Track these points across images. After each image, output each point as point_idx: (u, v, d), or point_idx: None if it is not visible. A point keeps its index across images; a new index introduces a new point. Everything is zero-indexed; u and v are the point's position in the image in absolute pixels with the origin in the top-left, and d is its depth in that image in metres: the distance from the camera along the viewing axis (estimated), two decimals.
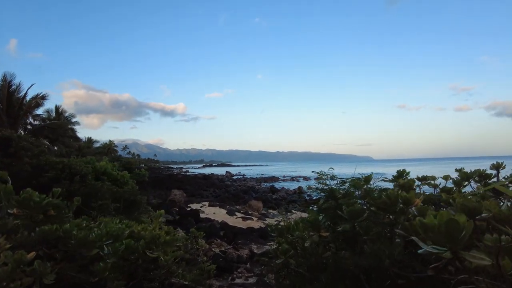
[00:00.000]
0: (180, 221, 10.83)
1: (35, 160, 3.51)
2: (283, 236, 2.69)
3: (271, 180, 56.86)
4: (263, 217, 15.21)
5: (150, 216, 6.87)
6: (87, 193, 3.76)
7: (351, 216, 1.53)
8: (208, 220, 12.31)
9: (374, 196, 1.56)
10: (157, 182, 33.57)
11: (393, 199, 1.39)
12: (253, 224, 13.01)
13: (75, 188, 3.57)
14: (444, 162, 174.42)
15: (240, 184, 43.25)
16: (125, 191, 4.29)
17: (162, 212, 2.46)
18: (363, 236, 1.53)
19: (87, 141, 58.94)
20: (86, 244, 1.49)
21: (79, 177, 3.71)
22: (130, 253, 1.98)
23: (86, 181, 3.82)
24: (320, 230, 1.72)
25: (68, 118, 41.62)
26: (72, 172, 3.76)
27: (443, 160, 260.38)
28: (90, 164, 9.15)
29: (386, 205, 1.40)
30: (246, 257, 6.85)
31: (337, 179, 2.10)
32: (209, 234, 9.42)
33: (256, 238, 9.36)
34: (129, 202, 4.34)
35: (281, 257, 2.34)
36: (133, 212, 4.38)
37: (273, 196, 29.28)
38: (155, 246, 2.26)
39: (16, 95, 15.46)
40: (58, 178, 3.61)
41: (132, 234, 2.22)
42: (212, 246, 8.10)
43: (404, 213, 1.40)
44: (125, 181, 9.90)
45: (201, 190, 29.18)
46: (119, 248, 1.76)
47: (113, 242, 1.78)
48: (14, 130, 14.30)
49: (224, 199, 22.32)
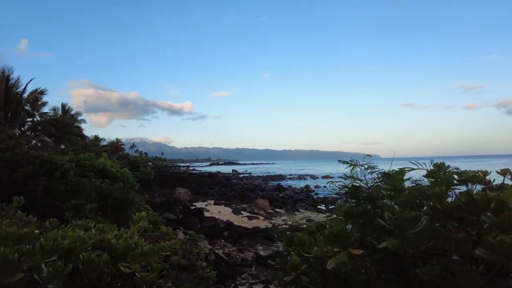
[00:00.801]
0: (183, 220, 10.38)
1: (9, 153, 3.10)
2: (293, 244, 2.17)
3: (278, 179, 56.34)
4: (270, 216, 14.70)
5: (148, 216, 6.42)
6: (69, 191, 3.29)
7: (400, 227, 1.00)
8: (213, 219, 11.85)
9: (440, 195, 1.02)
10: (163, 180, 33.30)
11: (481, 202, 0.85)
12: (259, 223, 12.52)
13: (54, 185, 3.11)
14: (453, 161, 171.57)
15: (247, 183, 42.81)
16: (115, 189, 3.81)
17: (143, 215, 1.96)
18: (416, 257, 1.00)
19: (93, 139, 59.12)
20: (3, 265, 1.00)
21: (59, 173, 3.25)
22: (91, 270, 1.50)
23: (68, 177, 3.35)
24: (348, 246, 1.18)
25: (74, 116, 41.62)
26: (52, 168, 3.30)
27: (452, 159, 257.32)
28: (88, 160, 8.76)
29: (465, 210, 0.86)
30: (251, 260, 6.36)
31: (376, 171, 1.51)
32: (213, 234, 8.96)
33: (262, 239, 8.87)
34: (120, 202, 3.87)
35: (291, 274, 1.83)
36: (123, 213, 3.91)
37: (279, 195, 28.77)
38: (130, 258, 1.78)
39: (15, 90, 15.14)
40: (35, 174, 3.16)
41: (101, 243, 1.73)
42: (215, 247, 7.62)
43: (487, 225, 0.87)
44: (125, 179, 9.49)
45: (207, 189, 28.79)
46: (67, 267, 1.26)
47: (63, 258, 1.30)
48: (12, 126, 14.06)
49: (230, 198, 21.88)
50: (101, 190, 3.70)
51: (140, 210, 6.28)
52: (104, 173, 9.04)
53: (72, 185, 3.29)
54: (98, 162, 8.80)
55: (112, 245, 1.73)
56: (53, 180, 3.11)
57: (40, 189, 2.99)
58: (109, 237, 1.71)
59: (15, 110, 14.18)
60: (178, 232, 5.72)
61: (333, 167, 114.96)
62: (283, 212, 17.73)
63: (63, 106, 39.16)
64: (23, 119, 17.88)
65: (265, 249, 7.83)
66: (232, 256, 6.31)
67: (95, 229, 2.08)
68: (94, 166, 8.68)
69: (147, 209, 6.53)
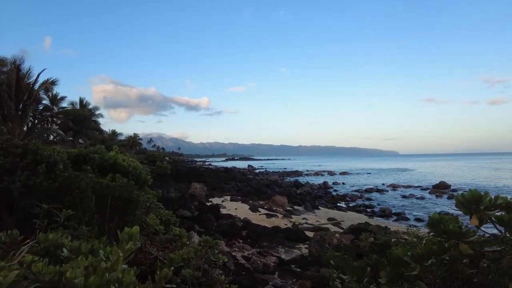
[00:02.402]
0: (199, 217, 9.79)
1: None
2: None
3: (294, 175, 55.47)
4: (289, 214, 13.97)
5: (159, 214, 5.81)
6: (57, 188, 2.66)
7: None
8: (229, 216, 11.23)
9: None
10: (179, 175, 33.09)
11: None
12: (279, 222, 11.81)
13: (38, 181, 2.50)
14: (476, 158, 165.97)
15: (263, 178, 42.18)
16: (117, 186, 3.17)
17: (135, 231, 1.27)
18: None
19: (111, 134, 59.74)
20: None
21: (44, 166, 2.63)
22: None
23: (56, 171, 2.72)
24: None
25: (92, 110, 41.94)
26: (36, 160, 2.69)
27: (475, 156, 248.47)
28: (98, 153, 8.25)
29: None
30: (274, 265, 5.66)
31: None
32: (230, 234, 8.33)
33: (283, 240, 8.16)
34: (123, 201, 3.22)
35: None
36: (128, 215, 3.27)
37: (297, 191, 27.99)
38: None
39: (26, 80, 14.88)
40: (14, 167, 2.54)
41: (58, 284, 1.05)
42: (233, 248, 6.97)
43: None
44: (137, 173, 8.95)
45: (223, 184, 28.29)
46: None
47: None
48: (23, 117, 13.80)
49: (246, 194, 21.25)
50: (99, 187, 3.07)
51: (150, 210, 5.68)
52: (115, 167, 8.53)
53: (61, 181, 2.65)
54: (108, 156, 8.31)
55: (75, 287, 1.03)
56: (36, 175, 2.50)
57: (18, 186, 2.37)
58: (69, 276, 1.02)
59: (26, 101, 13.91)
60: (193, 234, 5.08)
61: (350, 163, 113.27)
62: (302, 210, 16.97)
63: (80, 101, 39.49)
64: (35, 111, 17.63)
65: (287, 252, 7.12)
66: (252, 261, 5.62)
67: (69, 247, 1.43)
68: (104, 160, 8.19)
69: (158, 207, 5.95)
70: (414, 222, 16.10)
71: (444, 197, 25.19)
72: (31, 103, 14.49)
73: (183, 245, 3.68)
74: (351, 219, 14.82)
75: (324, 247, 6.07)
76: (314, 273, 4.87)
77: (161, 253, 3.52)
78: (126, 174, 8.80)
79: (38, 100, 15.87)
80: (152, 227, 4.65)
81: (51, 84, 15.98)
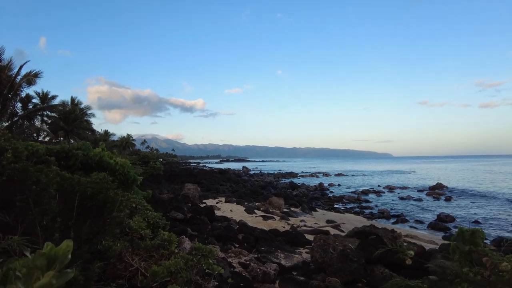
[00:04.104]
0: (192, 220, 9.20)
1: None
2: None
3: (290, 176, 55.01)
4: (286, 216, 13.42)
5: (146, 217, 5.21)
6: (5, 184, 2.08)
7: None
8: (224, 219, 10.65)
9: None
10: (172, 176, 32.41)
11: None
12: (276, 224, 11.26)
13: None
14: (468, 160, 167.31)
15: (258, 180, 41.61)
16: (90, 183, 2.59)
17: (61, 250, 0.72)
18: None
19: (103, 134, 58.70)
20: None
21: None
22: None
23: (3, 162, 2.14)
24: None
25: (84, 109, 41.04)
26: None
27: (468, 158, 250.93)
28: (82, 149, 7.61)
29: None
30: (274, 273, 5.10)
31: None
32: (226, 238, 7.75)
33: (282, 244, 7.61)
34: (97, 201, 2.64)
35: None
36: (102, 218, 2.69)
37: (293, 193, 27.49)
38: None
39: (7, 72, 14.07)
40: None
41: None
42: (229, 254, 6.40)
43: None
44: (125, 172, 8.33)
45: (217, 185, 27.66)
46: None
47: None
48: (3, 112, 13.03)
49: (241, 195, 20.66)
50: (67, 184, 2.49)
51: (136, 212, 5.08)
52: (101, 165, 7.89)
53: (10, 174, 2.07)
54: (94, 153, 7.67)
55: None
56: None
57: None
58: None
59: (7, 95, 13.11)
60: (184, 240, 4.51)
61: (345, 165, 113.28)
62: (299, 212, 16.45)
63: (72, 100, 38.60)
64: (14, 107, 16.70)
65: (288, 258, 6.57)
66: (251, 269, 5.06)
67: None
68: (89, 157, 7.55)
69: (146, 208, 5.37)
70: (413, 224, 15.67)
71: (442, 198, 24.87)
72: (12, 97, 13.70)
73: (171, 254, 3.11)
74: (350, 222, 14.33)
75: (328, 253, 5.52)
76: (321, 283, 4.33)
77: (144, 264, 2.95)
78: (113, 173, 8.15)
79: (17, 93, 14.94)
80: (137, 232, 4.07)
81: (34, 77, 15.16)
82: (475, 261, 3.65)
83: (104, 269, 3.05)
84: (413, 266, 5.12)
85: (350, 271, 4.78)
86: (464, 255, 3.78)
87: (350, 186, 36.65)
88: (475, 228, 3.91)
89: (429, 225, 14.97)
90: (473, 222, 15.87)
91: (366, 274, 4.93)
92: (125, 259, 2.73)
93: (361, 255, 5.21)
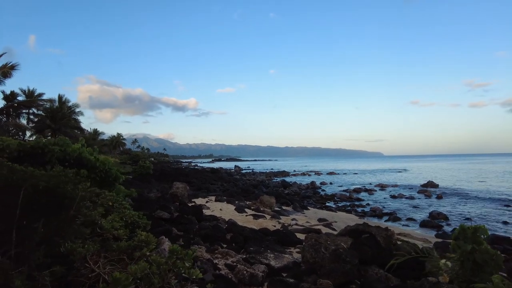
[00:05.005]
0: (178, 219, 8.83)
1: None
2: None
3: (282, 175, 54.82)
4: (277, 215, 13.13)
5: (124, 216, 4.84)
6: None
7: None
8: (213, 218, 10.30)
9: None
10: (162, 176, 31.88)
11: None
12: (267, 223, 10.96)
13: None
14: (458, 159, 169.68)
15: (250, 179, 41.30)
16: (42, 175, 2.23)
17: None
18: None
19: (92, 133, 57.69)
20: None
21: None
22: None
23: None
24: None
25: (72, 108, 40.17)
26: None
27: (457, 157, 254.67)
28: (59, 145, 7.17)
29: None
30: (262, 275, 4.78)
31: None
32: (213, 238, 7.41)
33: (272, 244, 7.30)
34: (53, 197, 2.28)
35: None
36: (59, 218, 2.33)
37: (285, 191, 27.25)
38: None
39: None
40: None
41: None
42: (215, 255, 6.06)
43: None
44: (106, 169, 7.91)
45: (208, 184, 27.26)
46: None
47: None
48: None
49: (232, 194, 20.31)
50: (18, 177, 2.13)
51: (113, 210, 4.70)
52: (81, 161, 7.47)
53: None
54: (72, 148, 7.24)
55: None
56: None
57: None
58: None
59: None
60: (163, 240, 4.16)
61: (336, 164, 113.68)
62: (291, 210, 16.18)
63: (59, 97, 37.67)
64: None
65: (278, 258, 6.26)
66: (237, 271, 4.73)
67: None
68: (67, 153, 7.12)
69: (124, 207, 4.99)
70: (406, 222, 15.55)
71: (433, 196, 24.90)
72: None
73: (142, 256, 2.77)
74: (342, 220, 14.11)
75: (320, 253, 5.23)
76: (312, 286, 4.03)
77: (110, 268, 2.60)
78: (94, 170, 7.71)
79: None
80: (110, 232, 3.70)
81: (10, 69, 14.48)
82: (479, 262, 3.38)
83: (66, 274, 2.70)
84: (409, 266, 4.86)
85: (343, 272, 4.49)
86: (466, 254, 3.51)
87: (342, 185, 36.60)
88: (478, 225, 3.64)
89: (421, 223, 14.85)
90: (464, 220, 15.82)
91: (359, 275, 4.64)
92: (86, 264, 2.38)
93: (354, 255, 4.92)
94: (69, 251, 2.75)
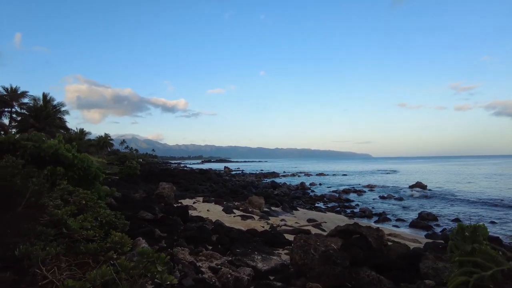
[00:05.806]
0: (162, 220, 8.45)
1: None
2: None
3: (271, 176, 54.65)
4: (266, 216, 12.85)
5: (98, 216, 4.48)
6: None
7: None
8: (200, 219, 9.95)
9: None
10: (150, 176, 31.27)
11: None
12: (255, 224, 10.66)
13: None
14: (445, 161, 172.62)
15: (239, 180, 40.95)
16: None
17: None
18: None
19: (78, 133, 56.45)
20: None
21: None
22: None
23: None
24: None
25: (57, 106, 39.17)
26: None
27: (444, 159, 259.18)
28: (33, 141, 6.73)
29: None
30: (248, 279, 4.48)
31: None
32: (198, 239, 7.07)
33: (259, 245, 7.01)
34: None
35: None
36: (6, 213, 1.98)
37: (274, 192, 27.01)
38: None
39: None
40: None
41: None
42: (199, 257, 5.73)
43: None
44: (85, 167, 7.49)
45: (197, 185, 26.80)
46: None
47: None
48: None
49: (221, 195, 19.95)
50: None
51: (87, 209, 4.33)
52: (57, 158, 7.03)
53: None
54: (48, 144, 6.81)
55: None
56: None
57: None
58: None
59: None
60: (140, 242, 3.83)
61: (326, 165, 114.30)
62: (280, 211, 15.92)
63: (44, 96, 36.68)
64: None
65: (265, 260, 5.97)
66: (221, 275, 4.42)
67: None
68: (41, 149, 6.68)
69: (99, 206, 4.63)
70: (396, 222, 15.45)
71: (422, 197, 25.02)
72: None
73: (107, 260, 2.45)
74: (331, 220, 13.92)
75: (309, 254, 4.95)
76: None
77: (67, 274, 2.27)
78: (72, 167, 7.26)
79: None
80: (78, 233, 3.35)
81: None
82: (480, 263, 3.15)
83: (18, 281, 2.35)
84: (402, 268, 4.63)
85: (333, 275, 4.22)
86: (465, 255, 3.28)
87: (331, 186, 36.58)
88: (478, 224, 3.42)
89: (411, 224, 14.78)
90: (453, 220, 15.82)
91: (351, 277, 4.38)
92: (38, 270, 2.04)
93: (345, 257, 4.66)
94: (24, 254, 2.41)
